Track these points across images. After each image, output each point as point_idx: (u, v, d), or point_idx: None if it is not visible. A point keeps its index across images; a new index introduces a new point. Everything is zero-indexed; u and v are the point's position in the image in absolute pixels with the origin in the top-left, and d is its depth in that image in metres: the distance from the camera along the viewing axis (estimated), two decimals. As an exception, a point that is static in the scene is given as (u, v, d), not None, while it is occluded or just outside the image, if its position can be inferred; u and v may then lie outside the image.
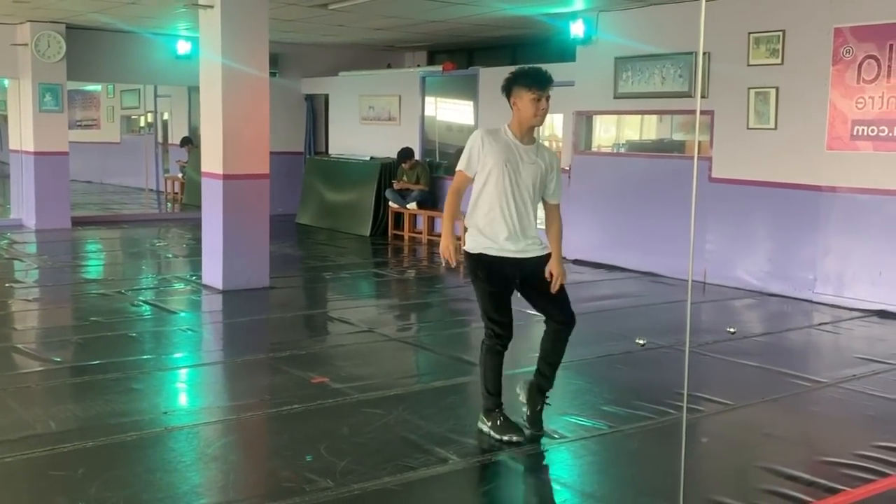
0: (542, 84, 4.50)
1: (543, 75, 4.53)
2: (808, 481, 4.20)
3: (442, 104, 13.34)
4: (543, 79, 4.51)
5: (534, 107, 4.49)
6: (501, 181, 4.50)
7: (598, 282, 9.67)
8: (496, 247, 4.57)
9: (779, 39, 8.64)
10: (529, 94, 4.49)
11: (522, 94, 4.51)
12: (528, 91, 4.49)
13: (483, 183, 4.56)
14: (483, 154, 4.53)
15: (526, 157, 4.56)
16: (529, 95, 4.49)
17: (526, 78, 4.52)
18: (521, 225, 4.57)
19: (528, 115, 4.52)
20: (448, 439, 4.65)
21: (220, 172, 8.61)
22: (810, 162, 8.48)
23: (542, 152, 4.68)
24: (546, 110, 4.53)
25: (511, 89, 4.56)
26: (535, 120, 4.53)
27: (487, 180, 4.54)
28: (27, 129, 13.02)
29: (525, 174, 4.54)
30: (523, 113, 4.53)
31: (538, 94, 4.49)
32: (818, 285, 8.49)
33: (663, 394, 5.41)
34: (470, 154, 4.57)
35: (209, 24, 8.60)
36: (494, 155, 4.50)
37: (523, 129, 4.58)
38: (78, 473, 4.18)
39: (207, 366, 6.42)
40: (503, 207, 4.53)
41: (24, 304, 8.30)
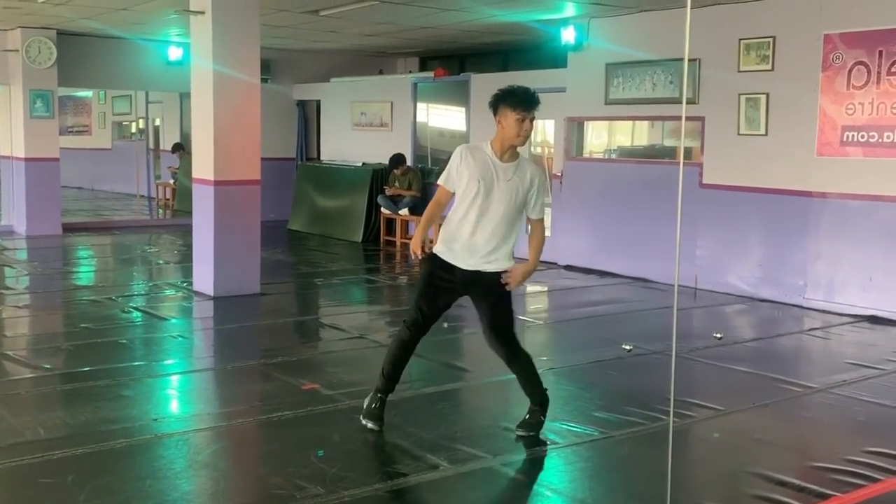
0: (528, 106, 4.53)
1: (531, 97, 4.55)
2: (798, 487, 4.21)
3: (434, 110, 13.35)
4: (530, 100, 4.54)
5: (517, 127, 4.52)
6: (472, 197, 4.57)
7: (590, 287, 9.68)
8: (450, 255, 4.66)
9: (769, 46, 8.67)
10: (514, 115, 4.52)
11: (508, 114, 4.53)
12: (513, 111, 4.52)
13: (459, 197, 4.65)
14: (461, 170, 4.60)
15: (502, 175, 4.58)
16: (514, 115, 4.52)
17: (513, 98, 4.54)
18: (482, 241, 4.61)
19: (510, 134, 4.54)
20: (439, 446, 4.64)
21: (212, 178, 8.59)
22: (801, 168, 8.50)
23: (524, 170, 4.65)
24: (529, 131, 4.56)
25: (498, 107, 4.58)
26: (517, 140, 4.56)
27: (463, 194, 4.62)
28: (18, 136, 12.98)
29: (499, 193, 4.57)
30: (506, 132, 4.55)
31: (523, 115, 4.51)
32: (809, 291, 8.51)
33: (654, 399, 5.42)
34: (449, 169, 4.67)
35: (200, 31, 8.59)
36: (470, 170, 4.57)
37: (505, 147, 4.60)
38: (67, 481, 4.16)
39: (198, 372, 6.40)
40: (470, 222, 4.59)
41: (14, 311, 8.26)
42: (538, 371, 4.96)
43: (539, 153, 11.76)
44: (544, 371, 6.22)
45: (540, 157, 11.73)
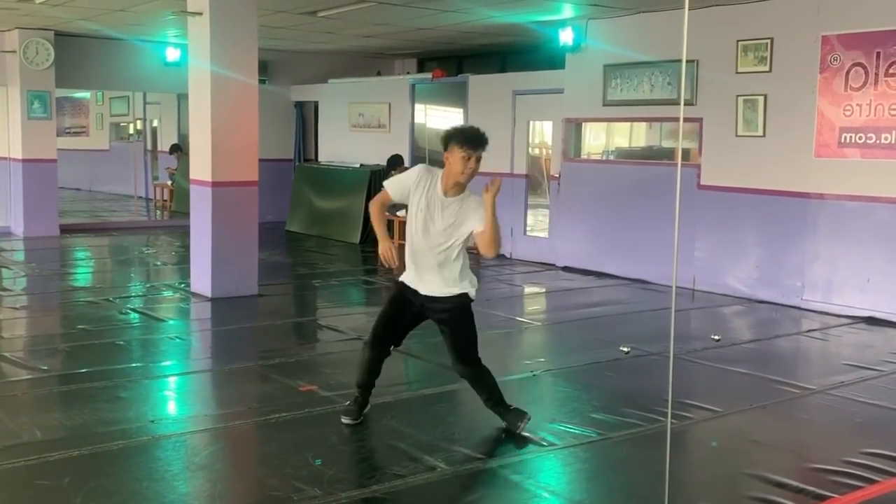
0: (474, 145, 4.64)
1: (478, 138, 4.67)
2: (796, 488, 4.21)
3: (431, 111, 13.35)
4: (476, 141, 4.65)
5: (462, 164, 4.63)
6: (414, 221, 4.76)
7: (588, 289, 9.68)
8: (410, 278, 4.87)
9: (767, 47, 8.67)
10: (461, 152, 4.63)
11: (455, 151, 4.65)
12: (460, 149, 4.63)
13: (410, 217, 4.81)
14: (414, 190, 4.74)
15: (441, 208, 4.70)
16: (461, 153, 4.63)
17: (460, 136, 4.67)
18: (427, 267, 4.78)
19: (456, 170, 4.65)
20: (436, 447, 4.64)
21: (209, 180, 8.59)
22: (798, 169, 8.51)
23: (466, 207, 4.71)
24: (474, 170, 4.65)
25: (447, 143, 4.70)
26: (461, 177, 4.66)
27: (411, 215, 4.78)
28: (15, 137, 12.97)
29: (437, 223, 4.70)
30: (452, 168, 4.67)
31: (468, 154, 4.62)
32: (806, 292, 8.51)
33: (652, 401, 5.41)
34: (404, 181, 4.82)
35: (198, 32, 8.59)
36: (420, 194, 4.71)
37: (450, 182, 4.70)
38: (64, 483, 4.15)
39: (195, 374, 6.39)
40: (416, 247, 4.78)
41: (11, 313, 8.25)
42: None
43: (537, 154, 11.76)
44: (542, 373, 6.24)
45: (538, 158, 11.73)
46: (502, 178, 4.97)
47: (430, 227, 4.71)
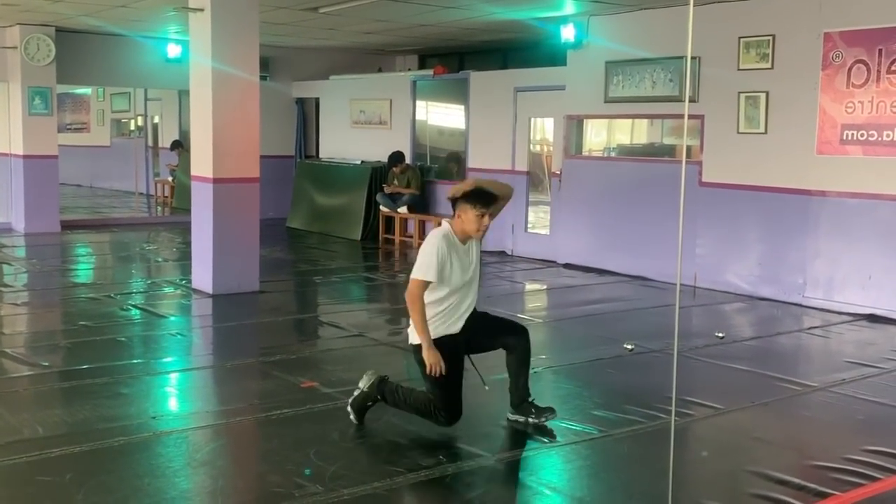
0: (487, 203, 4.79)
1: (489, 195, 4.82)
2: (798, 485, 4.21)
3: (433, 108, 13.34)
4: (489, 199, 4.81)
5: (477, 222, 4.80)
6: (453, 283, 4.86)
7: (589, 286, 9.68)
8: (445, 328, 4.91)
9: (769, 44, 8.66)
10: (474, 211, 4.78)
11: (468, 210, 4.79)
12: (473, 208, 4.78)
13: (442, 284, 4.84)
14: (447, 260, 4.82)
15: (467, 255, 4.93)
16: (474, 212, 4.78)
17: (474, 196, 4.80)
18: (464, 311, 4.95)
19: (471, 228, 4.83)
20: (438, 444, 4.64)
21: (211, 176, 8.58)
22: (800, 166, 8.50)
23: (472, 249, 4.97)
24: (488, 225, 4.86)
25: (457, 203, 4.85)
26: (476, 234, 4.87)
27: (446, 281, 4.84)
28: (16, 133, 12.97)
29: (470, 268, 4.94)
30: (467, 226, 4.83)
31: (482, 212, 4.79)
32: (808, 289, 8.51)
33: (653, 398, 5.41)
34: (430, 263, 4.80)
35: (199, 28, 8.58)
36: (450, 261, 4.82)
37: (464, 236, 4.89)
38: (65, 479, 4.15)
39: (197, 370, 6.39)
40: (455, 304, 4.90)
41: (12, 309, 8.24)
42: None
43: (538, 151, 11.76)
44: (544, 370, 6.23)
45: (539, 155, 11.72)
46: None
47: (466, 277, 4.89)
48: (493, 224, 11.37)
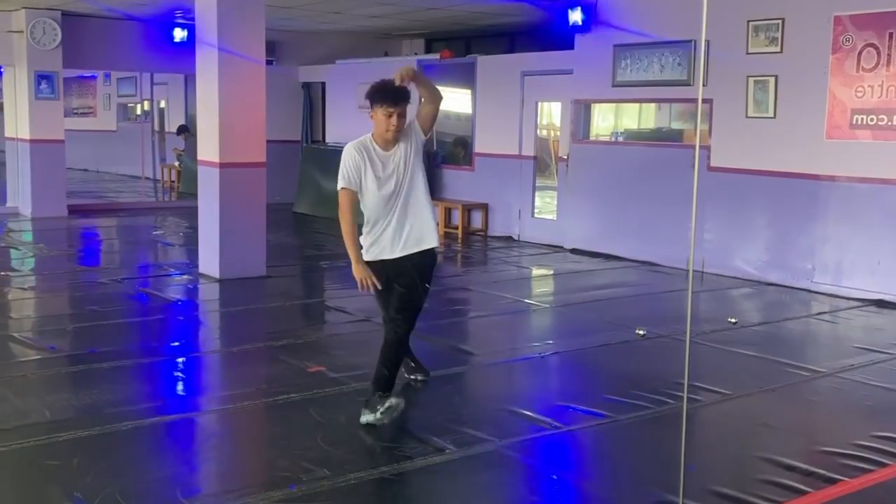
0: (393, 100, 4.63)
1: (396, 92, 4.65)
2: (806, 471, 4.19)
3: (439, 92, 13.27)
4: (394, 95, 4.64)
5: (385, 122, 4.66)
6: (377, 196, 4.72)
7: (596, 271, 9.65)
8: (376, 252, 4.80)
9: (778, 27, 8.59)
10: (381, 111, 4.66)
11: (377, 110, 4.69)
12: (380, 107, 4.66)
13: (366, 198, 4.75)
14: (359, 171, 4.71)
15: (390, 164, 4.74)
16: (381, 111, 4.66)
17: (379, 94, 4.68)
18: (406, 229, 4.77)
19: (380, 129, 4.70)
20: (445, 429, 4.63)
21: (217, 161, 8.56)
22: (809, 151, 8.44)
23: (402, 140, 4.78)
24: (399, 126, 4.66)
25: (371, 102, 4.72)
26: (387, 134, 4.70)
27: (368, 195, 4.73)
28: (23, 117, 12.96)
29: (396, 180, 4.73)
30: (378, 127, 4.71)
31: (389, 111, 4.64)
32: (817, 275, 8.47)
33: (661, 383, 5.40)
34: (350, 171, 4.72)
35: (205, 11, 8.54)
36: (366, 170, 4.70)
37: (381, 141, 4.76)
38: (73, 463, 4.16)
39: (204, 355, 6.40)
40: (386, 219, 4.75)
41: (20, 293, 8.26)
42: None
43: (545, 136, 11.71)
44: (550, 354, 6.22)
45: (546, 139, 11.68)
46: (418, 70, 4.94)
47: (387, 187, 4.71)
48: (500, 208, 11.45)
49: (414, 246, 4.80)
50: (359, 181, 4.71)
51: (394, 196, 4.74)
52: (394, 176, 4.73)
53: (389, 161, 4.75)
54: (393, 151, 4.76)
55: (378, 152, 4.75)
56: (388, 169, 4.74)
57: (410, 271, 4.79)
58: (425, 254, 4.84)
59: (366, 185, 4.71)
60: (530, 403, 5.14)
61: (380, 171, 4.72)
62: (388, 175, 4.73)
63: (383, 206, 4.73)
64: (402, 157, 4.76)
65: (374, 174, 4.71)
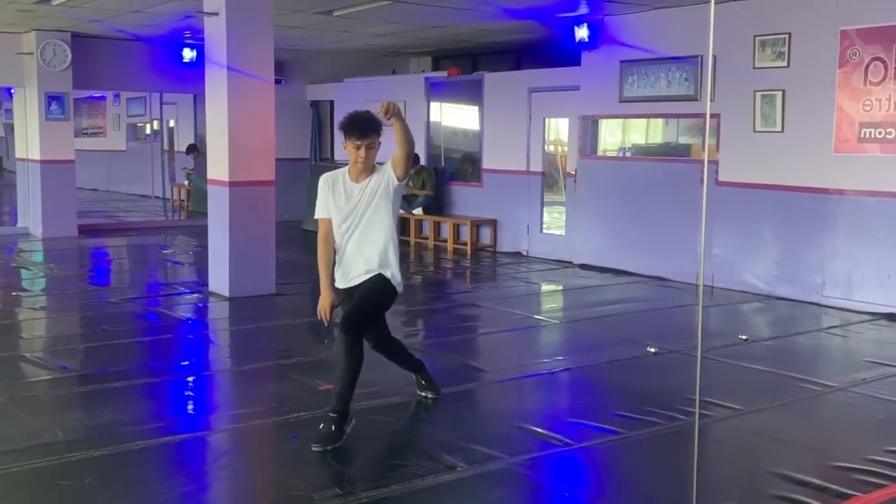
0: (361, 134, 4.68)
1: (364, 125, 4.70)
2: (819, 486, 4.17)
3: (447, 109, 13.33)
4: (362, 129, 4.70)
5: (354, 154, 4.73)
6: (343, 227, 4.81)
7: (605, 286, 9.64)
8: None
9: (785, 42, 8.61)
10: (349, 143, 4.73)
11: (347, 142, 4.75)
12: (349, 139, 4.72)
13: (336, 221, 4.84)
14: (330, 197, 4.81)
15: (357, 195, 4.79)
16: (350, 144, 4.73)
17: (348, 126, 4.73)
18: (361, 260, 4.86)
19: (351, 161, 4.78)
20: (456, 446, 4.62)
21: (227, 179, 8.60)
22: (817, 165, 8.44)
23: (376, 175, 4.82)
24: (367, 158, 4.71)
25: (343, 135, 4.77)
26: (357, 165, 4.76)
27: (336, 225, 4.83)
28: (33, 138, 13.05)
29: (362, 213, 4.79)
30: (350, 158, 4.79)
31: (356, 144, 4.70)
32: (827, 288, 8.45)
33: (673, 399, 5.39)
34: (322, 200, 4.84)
35: (215, 32, 8.60)
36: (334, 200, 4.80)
37: (353, 173, 4.82)
38: (85, 483, 4.16)
39: (214, 373, 6.41)
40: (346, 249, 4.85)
41: (31, 313, 8.30)
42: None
43: (552, 152, 11.73)
44: (561, 371, 6.21)
45: (553, 155, 11.70)
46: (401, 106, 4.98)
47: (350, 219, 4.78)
48: (508, 224, 11.51)
49: (363, 276, 4.86)
50: (327, 210, 4.83)
51: (350, 228, 4.80)
52: (356, 208, 4.78)
53: (355, 192, 4.80)
54: (363, 184, 4.80)
55: (347, 183, 4.82)
56: (353, 200, 4.79)
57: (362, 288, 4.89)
58: (373, 278, 4.87)
59: (331, 214, 4.82)
60: (541, 420, 5.14)
61: (342, 201, 4.79)
62: (352, 206, 4.78)
63: (342, 236, 4.82)
64: (369, 192, 4.79)
65: (337, 204, 4.80)
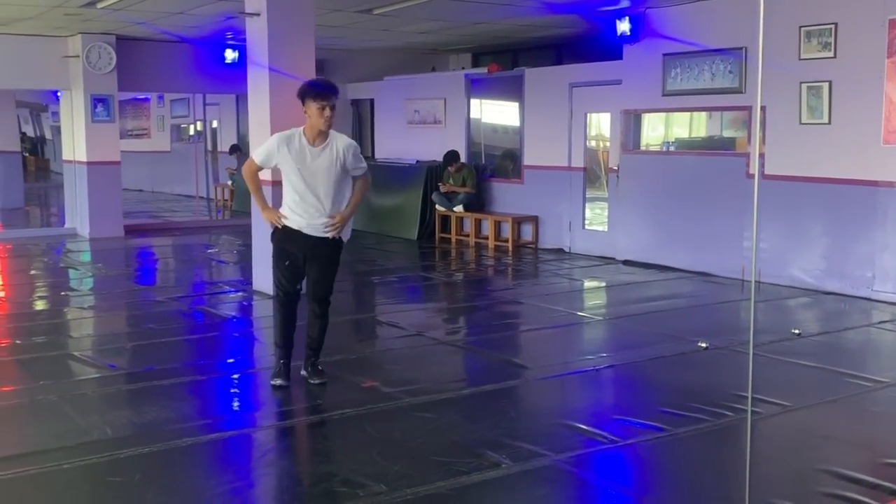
0: (325, 96, 5.30)
1: (327, 87, 5.39)
2: (871, 484, 4.09)
3: (487, 106, 13.31)
4: (326, 90, 5.35)
5: (319, 114, 5.30)
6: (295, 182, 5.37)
7: (650, 282, 9.56)
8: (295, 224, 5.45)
9: (831, 32, 8.46)
10: (315, 105, 5.28)
11: (310, 105, 5.30)
12: (313, 101, 5.29)
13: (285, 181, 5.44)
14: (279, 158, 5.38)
15: (312, 157, 5.35)
16: (315, 105, 5.28)
17: (311, 90, 5.35)
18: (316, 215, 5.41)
19: (316, 123, 5.32)
20: (500, 443, 4.61)
21: (269, 179, 8.62)
22: (866, 157, 8.28)
23: (333, 146, 5.41)
24: (331, 118, 5.31)
25: (303, 99, 5.35)
26: (322, 126, 5.33)
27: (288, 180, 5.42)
28: (80, 140, 13.26)
29: (316, 173, 5.35)
30: (312, 120, 5.33)
31: (322, 104, 5.27)
32: (877, 283, 8.29)
33: (719, 395, 5.32)
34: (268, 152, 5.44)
35: (256, 32, 8.67)
36: (289, 162, 5.34)
37: (314, 133, 5.37)
38: (135, 479, 4.22)
39: (259, 371, 6.44)
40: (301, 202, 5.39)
41: (79, 312, 8.43)
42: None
43: (594, 147, 11.65)
44: (605, 368, 6.17)
45: (595, 151, 11.62)
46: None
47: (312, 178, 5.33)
48: (550, 220, 11.49)
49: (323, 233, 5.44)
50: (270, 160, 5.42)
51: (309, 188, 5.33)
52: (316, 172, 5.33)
53: (312, 155, 5.33)
54: (320, 148, 5.35)
55: (304, 144, 5.34)
56: (311, 163, 5.33)
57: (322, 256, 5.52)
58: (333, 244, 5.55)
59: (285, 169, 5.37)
60: (586, 417, 5.10)
61: (299, 161, 5.31)
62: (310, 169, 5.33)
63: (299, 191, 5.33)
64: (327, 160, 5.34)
65: (293, 163, 5.31)
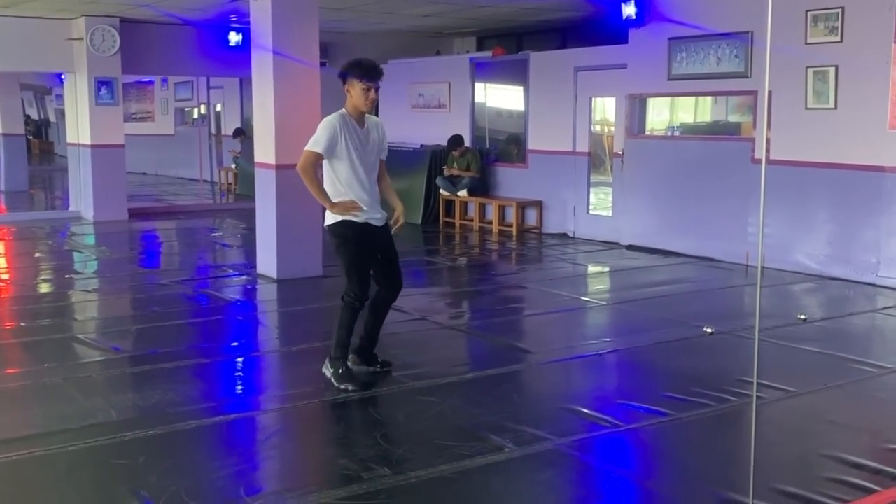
0: (373, 77, 5.13)
1: (375, 69, 5.16)
2: (874, 469, 4.10)
3: (492, 90, 13.26)
4: (375, 72, 5.15)
5: (364, 96, 5.12)
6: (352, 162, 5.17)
7: (654, 267, 9.55)
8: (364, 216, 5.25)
9: (838, 17, 8.40)
10: (361, 85, 5.10)
11: (356, 84, 5.12)
12: (360, 81, 5.10)
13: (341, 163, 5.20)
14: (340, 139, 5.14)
15: (364, 138, 5.22)
16: (361, 86, 5.10)
17: (358, 68, 5.14)
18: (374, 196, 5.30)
19: (359, 102, 5.15)
20: (503, 427, 4.62)
21: (273, 162, 8.66)
22: (872, 142, 8.25)
23: (374, 126, 5.32)
24: (374, 100, 5.17)
25: (346, 77, 5.17)
26: (365, 107, 5.17)
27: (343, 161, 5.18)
28: (84, 123, 13.24)
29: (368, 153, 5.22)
30: (356, 100, 5.15)
31: (368, 86, 5.10)
32: (882, 268, 8.27)
33: (723, 380, 5.32)
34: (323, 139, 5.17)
35: (260, 15, 8.64)
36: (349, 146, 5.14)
37: (356, 114, 5.20)
38: (139, 462, 4.23)
39: (263, 354, 6.47)
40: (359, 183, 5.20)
41: (83, 295, 8.44)
42: None
43: (599, 132, 11.62)
44: (608, 352, 6.17)
45: (600, 135, 11.59)
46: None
47: (366, 159, 5.19)
48: (554, 205, 11.47)
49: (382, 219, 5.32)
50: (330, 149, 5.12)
51: (368, 170, 5.19)
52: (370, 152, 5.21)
53: (364, 136, 5.19)
54: (365, 129, 5.21)
55: (355, 126, 5.17)
56: (365, 143, 5.18)
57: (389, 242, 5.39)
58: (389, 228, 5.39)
59: (344, 151, 5.12)
60: (589, 401, 5.11)
61: (358, 142, 5.15)
62: (366, 149, 5.19)
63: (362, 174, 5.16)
64: (373, 141, 5.22)
65: (353, 144, 5.13)
